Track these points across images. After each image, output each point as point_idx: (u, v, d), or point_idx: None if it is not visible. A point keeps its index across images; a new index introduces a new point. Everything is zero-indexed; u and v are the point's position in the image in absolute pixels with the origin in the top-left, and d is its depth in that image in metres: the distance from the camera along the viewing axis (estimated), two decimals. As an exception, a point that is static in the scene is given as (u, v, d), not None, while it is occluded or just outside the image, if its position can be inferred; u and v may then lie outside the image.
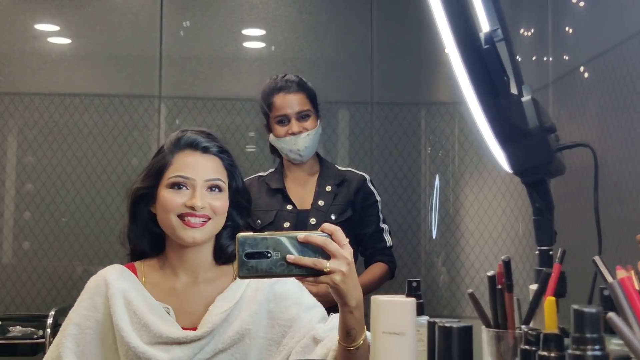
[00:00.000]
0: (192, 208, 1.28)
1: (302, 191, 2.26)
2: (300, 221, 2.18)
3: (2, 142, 3.08)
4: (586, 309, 0.53)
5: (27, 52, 3.12)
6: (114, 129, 3.12)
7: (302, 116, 2.21)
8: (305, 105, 2.21)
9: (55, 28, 3.17)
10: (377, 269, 2.26)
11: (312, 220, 2.17)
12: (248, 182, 2.35)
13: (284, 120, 2.20)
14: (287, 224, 2.18)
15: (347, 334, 1.09)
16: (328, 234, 1.03)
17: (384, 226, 2.30)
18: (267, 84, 2.27)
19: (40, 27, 3.16)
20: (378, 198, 2.30)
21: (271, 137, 2.25)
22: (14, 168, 3.08)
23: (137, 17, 3.17)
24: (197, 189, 1.29)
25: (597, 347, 0.53)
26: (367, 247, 2.28)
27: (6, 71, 3.11)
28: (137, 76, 3.15)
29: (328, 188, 2.23)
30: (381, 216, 2.30)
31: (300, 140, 2.19)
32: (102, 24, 3.16)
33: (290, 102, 2.20)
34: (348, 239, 1.06)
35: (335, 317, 1.14)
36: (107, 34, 3.16)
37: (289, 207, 2.21)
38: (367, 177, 2.31)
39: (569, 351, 0.55)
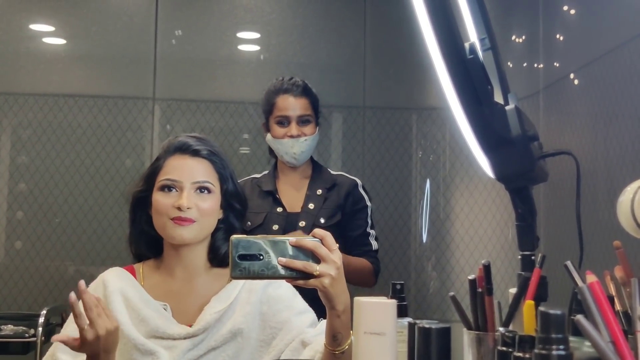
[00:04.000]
0: (179, 209, 1.32)
1: (294, 194, 2.28)
2: (289, 224, 2.20)
3: (-5, 141, 3.09)
4: (551, 311, 0.56)
5: (22, 52, 3.13)
6: (107, 130, 3.14)
7: (302, 121, 2.23)
8: (307, 110, 2.24)
9: (50, 28, 3.19)
10: (362, 260, 2.27)
11: (302, 223, 2.20)
12: (242, 183, 2.37)
13: (284, 122, 2.23)
14: (276, 227, 2.20)
15: (333, 337, 1.13)
16: (319, 239, 1.07)
17: (371, 231, 2.31)
18: (272, 83, 2.29)
19: (35, 27, 3.17)
20: (368, 203, 2.31)
21: (268, 137, 2.27)
22: (7, 168, 3.10)
23: (132, 19, 3.19)
24: (185, 191, 1.34)
25: (561, 347, 0.56)
26: (352, 249, 2.30)
27: (0, 71, 3.12)
28: (132, 78, 3.17)
29: (319, 192, 2.25)
30: (370, 221, 2.31)
31: (298, 145, 2.21)
32: (97, 25, 3.17)
33: (293, 105, 2.22)
34: (338, 245, 1.10)
35: (324, 323, 1.18)
36: (102, 35, 3.17)
37: (279, 209, 2.23)
38: (359, 182, 2.33)
39: (535, 351, 0.58)
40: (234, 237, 1.03)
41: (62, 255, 3.06)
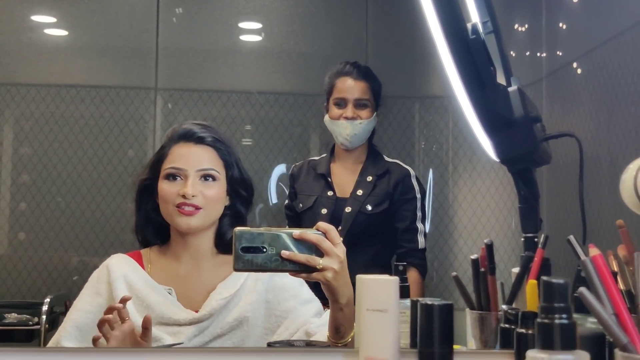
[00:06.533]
0: (184, 197, 1.32)
1: (346, 179, 2.29)
2: (338, 208, 2.21)
3: (-2, 132, 3.09)
4: (554, 280, 0.56)
5: (24, 43, 3.12)
6: (110, 120, 3.13)
7: (359, 104, 2.26)
8: (366, 94, 2.27)
9: (52, 20, 3.18)
10: (412, 277, 2.21)
11: (348, 209, 2.20)
12: (299, 165, 2.40)
13: (342, 103, 2.26)
14: (324, 211, 2.21)
15: (336, 330, 1.14)
16: (322, 232, 1.07)
17: (419, 226, 2.27)
18: (336, 66, 2.34)
19: (37, 18, 3.17)
20: (418, 195, 2.28)
21: (326, 118, 2.31)
22: (10, 158, 3.10)
23: (133, 9, 3.18)
24: (189, 179, 1.35)
25: (564, 315, 0.55)
26: (398, 245, 2.26)
27: (3, 62, 3.12)
28: (133, 68, 3.17)
29: (369, 178, 2.26)
30: (419, 214, 2.27)
31: (352, 127, 2.23)
32: (99, 15, 3.17)
33: (352, 88, 2.26)
34: (342, 239, 1.10)
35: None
36: (104, 25, 3.17)
37: (330, 193, 2.25)
38: (412, 172, 2.33)
39: (538, 320, 0.57)
40: (237, 229, 1.04)
41: (65, 245, 3.07)
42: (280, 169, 3.16)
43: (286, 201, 2.45)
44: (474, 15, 1.19)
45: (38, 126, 3.10)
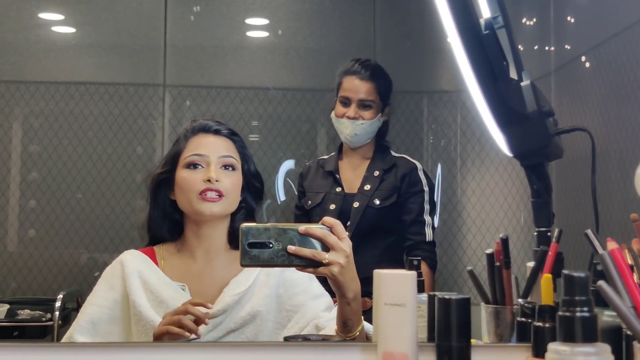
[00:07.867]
0: (209, 181, 1.33)
1: (353, 175, 2.31)
2: (346, 204, 2.23)
3: (7, 130, 3.10)
4: (575, 273, 0.56)
5: (32, 40, 3.13)
6: (118, 117, 3.14)
7: (363, 104, 2.27)
8: (370, 95, 2.28)
9: (60, 17, 3.19)
10: (424, 271, 2.24)
11: (356, 204, 2.22)
12: (308, 165, 2.43)
13: (346, 102, 2.28)
14: (333, 206, 2.23)
15: (344, 324, 1.14)
16: (328, 227, 1.08)
17: (427, 219, 2.29)
18: (346, 63, 2.34)
19: (45, 16, 3.17)
20: (426, 189, 2.30)
21: (332, 114, 2.32)
22: (20, 156, 3.11)
23: (141, 5, 3.19)
24: (212, 165, 1.36)
25: (585, 308, 0.56)
26: (406, 238, 2.28)
27: (11, 59, 3.13)
28: (142, 64, 3.17)
29: (376, 173, 2.28)
30: (427, 207, 2.29)
31: (353, 127, 2.25)
32: (107, 12, 3.17)
33: (356, 88, 2.27)
34: (348, 234, 1.10)
35: None
36: (112, 22, 3.17)
37: (338, 189, 2.27)
38: (419, 165, 2.35)
39: (559, 313, 0.58)
40: (244, 225, 1.05)
41: (75, 242, 3.08)
42: (287, 165, 3.17)
43: (296, 201, 2.47)
44: (484, 10, 1.19)
45: (47, 123, 3.11)
